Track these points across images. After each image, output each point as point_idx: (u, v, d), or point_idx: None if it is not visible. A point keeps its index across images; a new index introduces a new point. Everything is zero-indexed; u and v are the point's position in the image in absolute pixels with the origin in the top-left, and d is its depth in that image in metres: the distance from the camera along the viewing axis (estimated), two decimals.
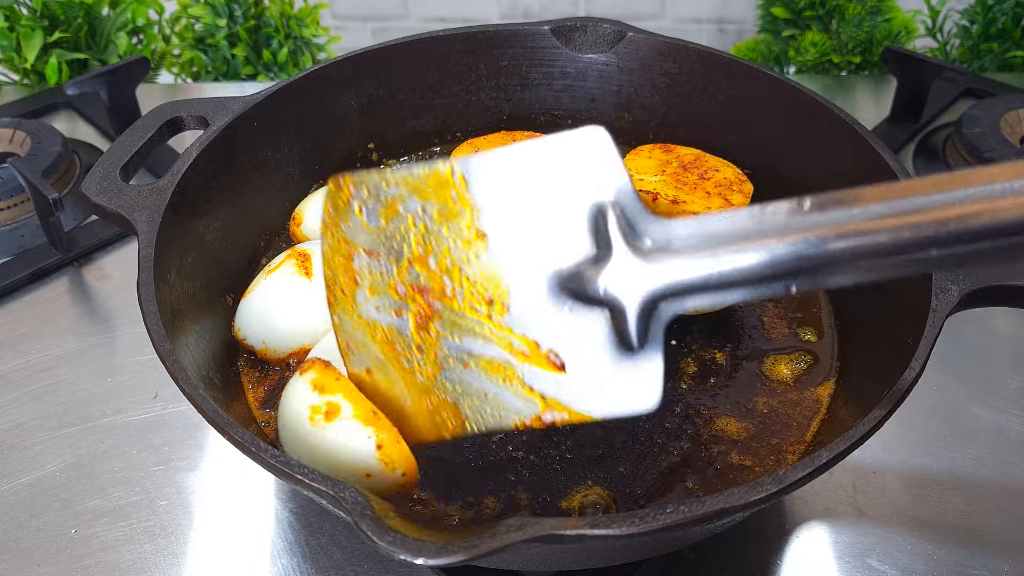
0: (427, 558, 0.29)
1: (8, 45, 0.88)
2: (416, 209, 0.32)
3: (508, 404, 0.32)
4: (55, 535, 0.47)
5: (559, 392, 0.31)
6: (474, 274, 0.31)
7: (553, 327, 0.31)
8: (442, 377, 0.32)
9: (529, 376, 0.31)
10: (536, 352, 0.31)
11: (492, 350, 0.31)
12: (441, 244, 0.31)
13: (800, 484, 0.33)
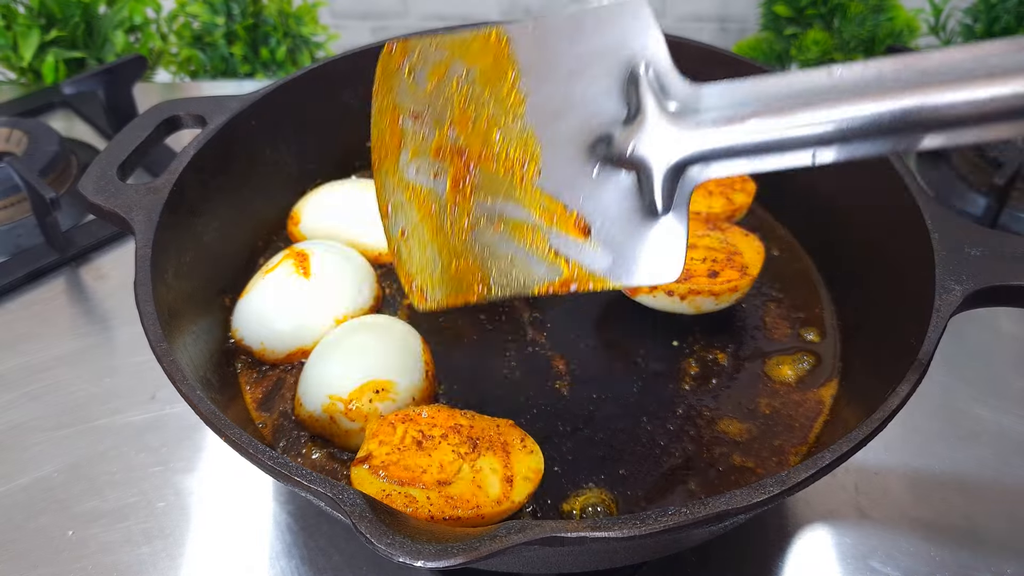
0: (426, 560, 0.29)
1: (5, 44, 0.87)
2: (461, 72, 0.33)
3: (533, 268, 0.32)
4: (52, 537, 0.47)
5: (583, 258, 0.32)
6: (511, 135, 0.32)
7: (582, 190, 0.32)
8: (472, 238, 0.33)
9: (556, 240, 0.32)
10: (564, 215, 0.32)
11: (522, 212, 0.32)
12: (482, 106, 0.32)
13: (803, 486, 0.33)
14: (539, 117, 0.32)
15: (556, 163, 0.32)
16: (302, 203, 0.58)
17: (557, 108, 0.32)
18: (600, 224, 0.32)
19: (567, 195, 0.32)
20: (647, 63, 0.31)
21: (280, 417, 0.47)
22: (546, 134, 0.32)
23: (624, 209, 0.31)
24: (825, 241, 0.57)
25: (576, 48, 0.32)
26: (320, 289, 0.49)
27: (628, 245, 0.31)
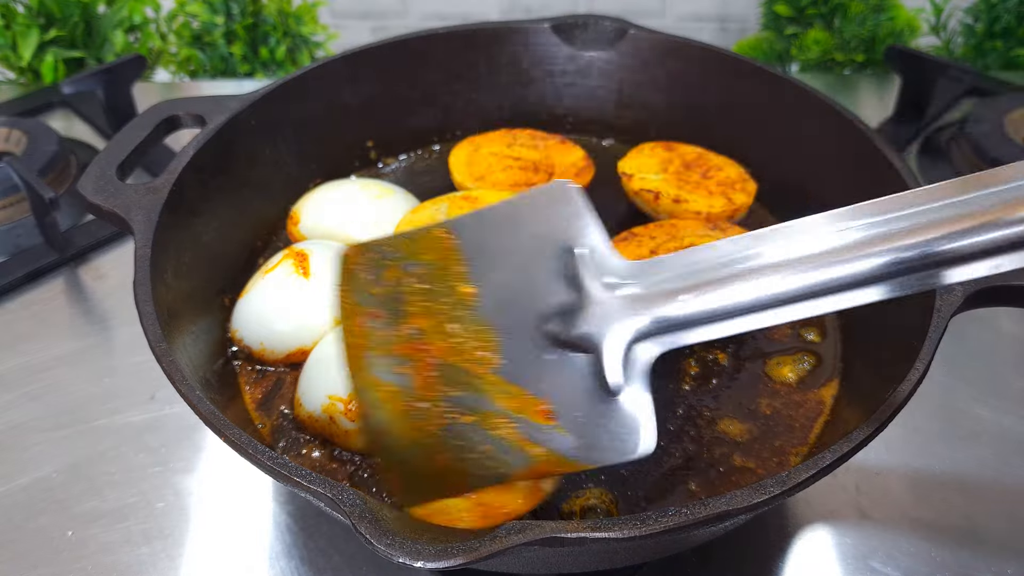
0: (426, 561, 0.29)
1: (4, 43, 0.87)
2: (414, 269, 0.34)
3: (508, 458, 0.32)
4: (52, 537, 0.47)
5: (552, 444, 0.32)
6: (467, 327, 0.33)
7: (541, 375, 0.32)
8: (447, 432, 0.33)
9: (523, 428, 0.32)
10: (527, 402, 0.32)
11: (487, 403, 0.32)
12: (436, 300, 0.33)
13: (803, 486, 0.33)
14: (491, 309, 0.33)
15: (514, 350, 0.32)
16: (301, 203, 0.58)
17: (507, 297, 0.33)
18: (564, 408, 0.32)
19: (528, 382, 0.32)
20: (583, 247, 0.32)
21: (279, 417, 0.47)
22: (500, 323, 0.32)
23: (584, 390, 0.32)
24: None
25: (514, 237, 0.33)
26: (320, 289, 0.49)
27: (593, 425, 0.32)
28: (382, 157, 0.66)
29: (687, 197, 0.57)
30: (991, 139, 0.72)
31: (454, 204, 0.55)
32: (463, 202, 0.56)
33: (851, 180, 0.54)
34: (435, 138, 0.68)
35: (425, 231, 0.35)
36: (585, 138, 0.69)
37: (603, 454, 0.32)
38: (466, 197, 0.56)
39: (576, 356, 0.32)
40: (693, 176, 0.59)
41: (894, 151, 0.50)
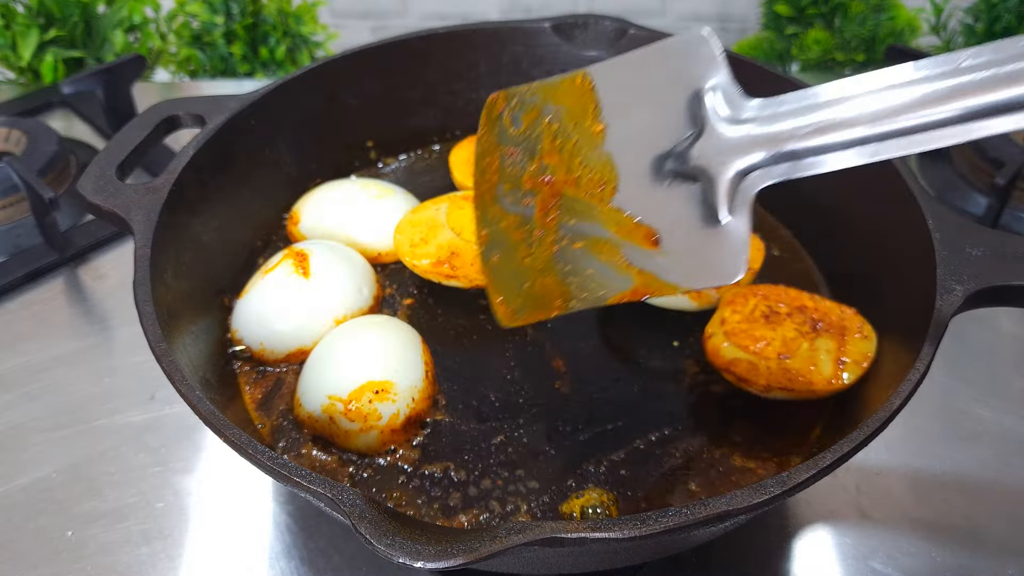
0: (426, 561, 0.29)
1: (4, 43, 0.87)
2: (550, 111, 0.38)
3: (609, 280, 0.36)
4: (52, 537, 0.47)
5: (653, 267, 0.35)
6: (592, 162, 0.37)
7: (652, 204, 0.35)
8: (556, 257, 0.37)
9: (628, 252, 0.36)
10: (636, 229, 0.36)
11: (599, 229, 0.36)
12: (567, 139, 0.38)
13: (803, 486, 0.33)
14: (616, 144, 0.36)
15: (630, 183, 0.36)
16: (301, 203, 0.58)
17: (632, 134, 0.36)
18: (669, 234, 0.35)
19: (639, 210, 0.36)
20: (711, 85, 0.34)
21: (279, 417, 0.47)
22: (622, 158, 0.36)
23: (690, 218, 0.34)
24: (826, 241, 0.57)
25: (649, 80, 0.36)
26: (320, 289, 0.49)
27: (694, 251, 0.34)
28: (382, 157, 0.66)
29: None
30: (991, 139, 0.72)
31: (454, 204, 0.55)
32: (463, 202, 0.56)
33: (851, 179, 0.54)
34: (435, 138, 0.68)
35: (567, 76, 0.38)
36: None
37: (699, 278, 0.35)
38: (467, 197, 0.56)
39: (688, 186, 0.34)
40: None
41: None
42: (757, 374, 0.43)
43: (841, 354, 0.44)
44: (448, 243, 0.52)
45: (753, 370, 0.44)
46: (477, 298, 0.54)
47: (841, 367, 0.43)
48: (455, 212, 0.54)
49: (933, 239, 0.43)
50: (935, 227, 0.43)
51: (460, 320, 0.53)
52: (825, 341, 0.45)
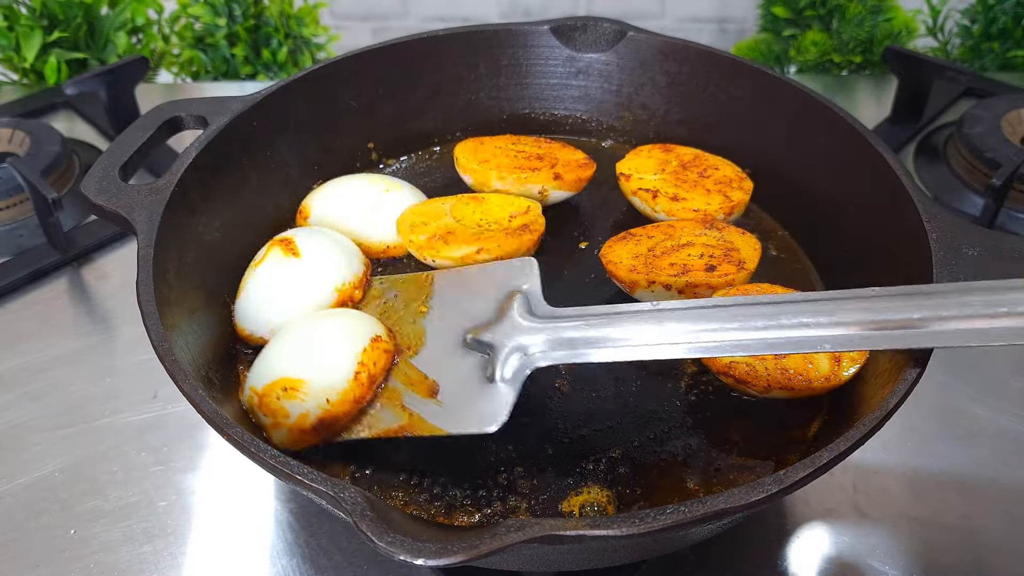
0: (427, 559, 0.29)
1: (7, 44, 0.88)
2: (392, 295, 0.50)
3: (384, 417, 0.43)
4: (54, 536, 0.47)
5: (424, 412, 0.42)
6: (406, 331, 0.46)
7: (443, 365, 0.43)
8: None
9: (407, 399, 0.43)
10: (421, 382, 0.43)
11: (392, 381, 0.44)
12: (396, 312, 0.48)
13: (801, 484, 0.33)
14: (432, 320, 0.46)
15: (432, 348, 0.44)
16: (310, 197, 0.59)
17: (448, 316, 0.45)
18: (446, 387, 0.42)
19: (430, 368, 0.44)
20: (523, 289, 0.43)
21: None
22: (432, 330, 0.45)
23: (470, 377, 0.42)
24: (823, 242, 0.57)
25: (477, 283, 0.45)
26: (315, 265, 0.50)
27: (464, 404, 0.41)
28: (383, 158, 0.67)
29: (685, 195, 0.58)
30: (988, 140, 0.73)
31: (460, 202, 0.56)
32: (469, 200, 0.56)
33: (848, 181, 0.54)
34: (435, 139, 0.68)
35: (417, 275, 0.49)
36: (585, 139, 0.69)
37: (461, 424, 0.41)
38: (473, 197, 0.57)
39: (476, 355, 0.42)
40: (690, 176, 0.59)
41: (891, 152, 0.50)
42: (756, 376, 0.44)
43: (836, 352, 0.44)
44: (447, 225, 0.54)
45: (751, 372, 0.44)
46: None
47: (838, 364, 0.44)
48: (460, 209, 0.55)
49: (930, 239, 0.43)
50: (931, 227, 0.44)
51: None
52: None
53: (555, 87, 0.68)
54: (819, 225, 0.57)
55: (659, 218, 0.57)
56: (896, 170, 0.48)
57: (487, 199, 0.57)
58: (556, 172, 0.59)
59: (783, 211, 0.61)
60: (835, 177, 0.56)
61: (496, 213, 0.55)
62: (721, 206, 0.56)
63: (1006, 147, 0.71)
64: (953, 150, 0.76)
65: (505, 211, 0.55)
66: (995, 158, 0.70)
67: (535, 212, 0.55)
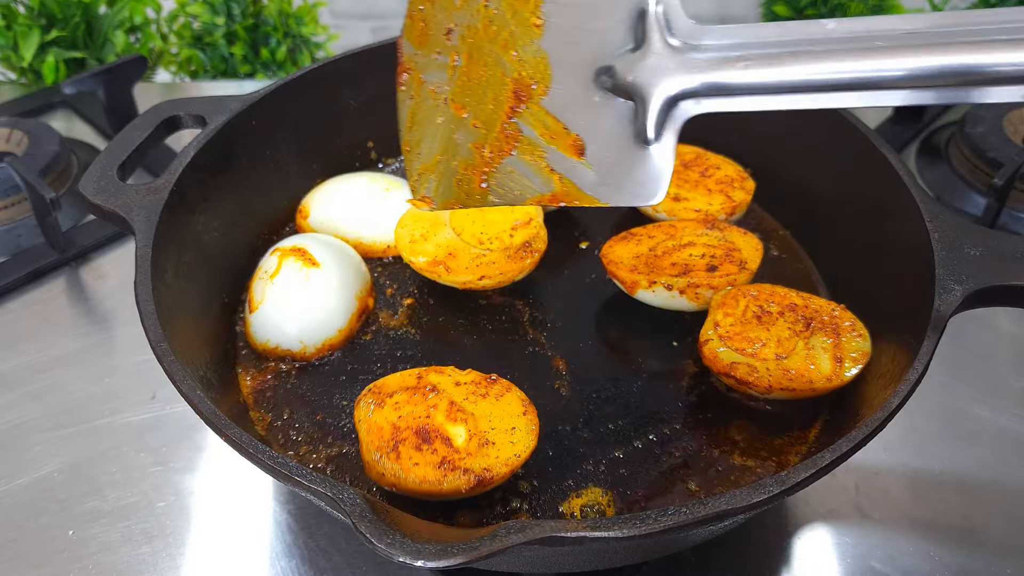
0: (426, 560, 0.29)
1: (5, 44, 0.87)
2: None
3: (529, 181, 0.36)
4: (53, 536, 0.47)
5: (574, 176, 0.35)
6: (526, 56, 0.36)
7: (582, 113, 0.35)
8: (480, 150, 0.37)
9: (551, 157, 0.35)
10: (562, 134, 0.35)
11: (525, 128, 0.36)
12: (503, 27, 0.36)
13: (802, 485, 0.33)
14: (554, 42, 0.35)
15: (563, 86, 0.35)
16: (310, 196, 0.59)
17: (571, 36, 0.35)
18: (594, 146, 0.35)
19: (568, 116, 0.35)
20: (658, 9, 0.34)
21: (280, 416, 0.47)
22: (558, 58, 0.35)
23: (618, 134, 0.34)
24: (824, 242, 0.57)
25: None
26: (334, 273, 0.50)
27: (617, 167, 0.34)
28: (382, 157, 0.67)
29: (686, 195, 0.57)
30: (989, 139, 0.72)
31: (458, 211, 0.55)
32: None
33: (849, 180, 0.54)
34: None
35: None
36: None
37: (619, 195, 0.35)
38: None
39: (620, 102, 0.34)
40: (692, 175, 0.59)
41: (893, 151, 0.50)
42: (757, 376, 0.44)
43: (838, 351, 0.44)
44: (447, 242, 0.52)
45: (753, 372, 0.44)
46: (478, 298, 0.54)
47: (839, 364, 0.44)
48: (458, 215, 0.54)
49: (932, 239, 0.43)
50: (933, 227, 0.44)
51: (460, 320, 0.53)
52: (820, 339, 0.45)
53: None
54: (821, 225, 0.57)
55: (660, 218, 0.57)
56: (898, 170, 0.48)
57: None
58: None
59: (785, 211, 0.61)
60: (837, 177, 0.55)
61: (497, 225, 0.53)
62: (723, 206, 0.56)
63: (1008, 147, 0.71)
64: (955, 150, 0.76)
65: (507, 221, 0.53)
66: (997, 158, 0.70)
67: (536, 223, 0.53)
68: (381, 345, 0.51)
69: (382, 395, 0.41)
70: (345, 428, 0.46)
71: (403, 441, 0.39)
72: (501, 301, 0.54)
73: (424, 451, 0.39)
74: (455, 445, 0.39)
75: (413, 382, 0.42)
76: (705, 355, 0.46)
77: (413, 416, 0.40)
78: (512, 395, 0.42)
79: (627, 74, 0.33)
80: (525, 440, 0.40)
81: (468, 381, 0.42)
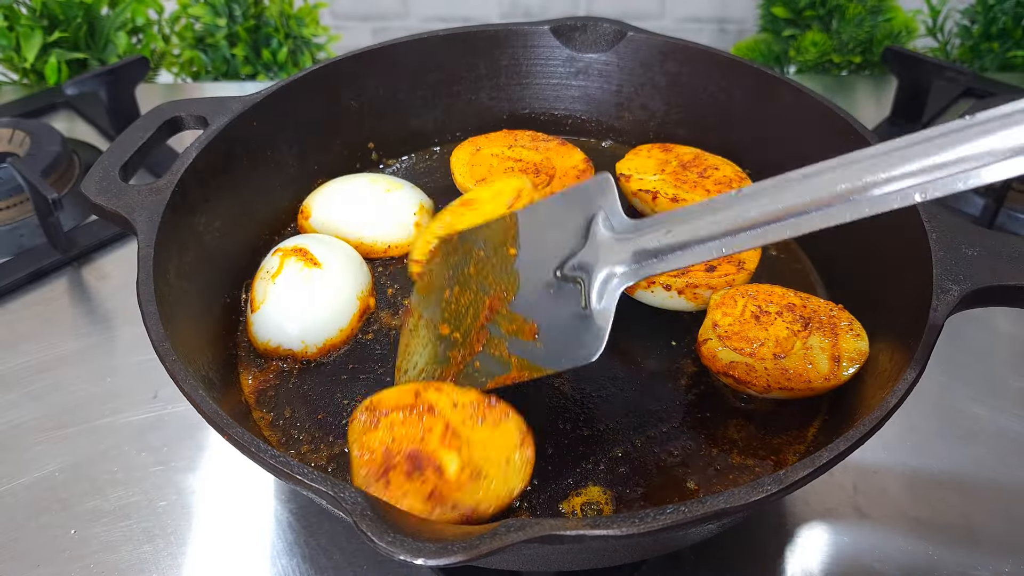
0: (427, 558, 0.29)
1: (8, 45, 0.88)
2: (481, 244, 0.47)
3: (492, 368, 0.42)
4: (55, 536, 0.47)
5: (529, 355, 0.42)
6: (503, 277, 0.45)
7: (540, 305, 0.42)
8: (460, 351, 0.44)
9: (511, 345, 0.42)
10: (523, 326, 0.42)
11: (495, 329, 0.43)
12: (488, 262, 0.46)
13: (800, 484, 0.33)
14: (524, 260, 0.44)
15: (527, 290, 0.43)
16: (312, 197, 0.59)
17: (537, 251, 0.44)
18: (546, 326, 0.42)
19: (529, 311, 0.42)
20: (604, 207, 0.42)
21: (282, 415, 0.47)
22: (525, 271, 0.44)
23: (565, 311, 0.41)
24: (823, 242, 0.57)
25: (559, 212, 0.43)
26: (336, 272, 0.50)
27: (563, 339, 0.41)
28: (383, 158, 0.67)
29: (685, 196, 0.58)
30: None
31: (455, 213, 0.55)
32: (462, 208, 0.55)
33: None
34: (435, 139, 0.68)
35: (501, 218, 0.47)
36: (584, 139, 0.69)
37: (564, 361, 0.41)
38: (463, 203, 0.56)
39: (569, 286, 0.41)
40: (690, 176, 0.59)
41: None
42: (756, 376, 0.44)
43: (836, 351, 0.44)
44: None
45: (751, 372, 0.44)
46: None
47: (837, 364, 0.44)
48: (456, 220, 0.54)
49: (930, 239, 0.43)
50: (931, 227, 0.44)
51: None
52: (817, 338, 0.45)
53: (555, 87, 0.68)
54: None
55: None
56: None
57: (474, 200, 0.55)
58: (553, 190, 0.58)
59: None
60: None
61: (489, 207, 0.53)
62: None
63: None
64: None
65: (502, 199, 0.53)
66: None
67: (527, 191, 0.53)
68: (382, 345, 0.51)
69: (377, 413, 0.40)
70: (346, 427, 0.46)
71: (394, 467, 0.38)
72: None
73: (414, 479, 0.38)
74: (446, 475, 0.38)
75: (410, 399, 0.41)
76: (704, 355, 0.46)
77: (407, 439, 0.39)
78: (511, 423, 0.41)
79: (576, 263, 0.41)
80: (519, 475, 0.39)
81: (466, 402, 0.41)
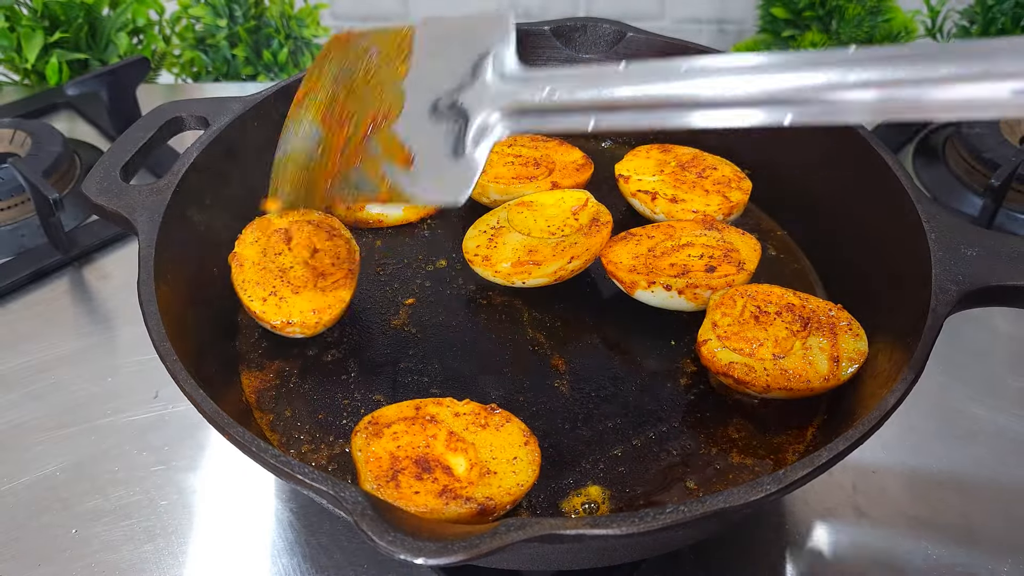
0: (427, 558, 0.29)
1: (9, 45, 0.88)
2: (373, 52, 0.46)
3: (363, 185, 0.42)
4: (56, 535, 0.47)
5: (399, 180, 0.41)
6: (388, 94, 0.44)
7: (419, 134, 0.42)
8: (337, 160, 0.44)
9: (384, 167, 0.42)
10: (400, 150, 0.42)
11: (374, 146, 0.43)
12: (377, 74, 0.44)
13: (800, 484, 0.33)
14: (411, 82, 0.43)
15: (410, 114, 0.42)
16: None
17: (426, 77, 0.43)
18: (420, 157, 0.41)
19: (408, 136, 0.42)
20: (497, 49, 0.40)
21: (282, 415, 0.47)
22: (411, 93, 0.43)
23: (441, 147, 0.40)
24: (822, 242, 0.58)
25: (454, 39, 0.42)
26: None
27: (433, 174, 0.40)
28: None
29: (684, 196, 0.58)
30: (986, 140, 0.73)
31: (512, 211, 0.55)
32: (521, 207, 0.55)
33: (846, 180, 0.55)
34: None
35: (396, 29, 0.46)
36: (583, 140, 0.69)
37: (430, 195, 0.41)
38: (522, 203, 0.56)
39: (449, 123, 0.41)
40: (689, 176, 0.59)
41: (889, 152, 0.50)
42: (755, 376, 0.44)
43: (835, 351, 0.45)
44: (522, 243, 0.53)
45: (750, 372, 0.44)
46: (478, 298, 0.55)
47: (836, 364, 0.44)
48: (514, 217, 0.55)
49: (928, 239, 0.43)
50: (930, 228, 0.44)
51: (461, 319, 0.53)
52: (817, 339, 0.45)
53: None
54: (818, 225, 0.57)
55: (659, 219, 0.57)
56: (895, 170, 0.48)
57: (534, 202, 0.56)
58: (553, 181, 0.59)
59: (782, 211, 0.61)
60: (834, 177, 0.56)
61: (558, 218, 0.54)
62: (720, 207, 0.56)
63: (1005, 147, 0.71)
64: (952, 151, 0.76)
65: (565, 210, 0.54)
66: (994, 158, 0.70)
67: (592, 202, 0.54)
68: (382, 344, 0.51)
69: (380, 426, 0.41)
70: (347, 427, 0.46)
71: (402, 471, 0.38)
72: (501, 301, 0.54)
73: (425, 480, 0.38)
74: (456, 474, 0.38)
75: (411, 413, 0.42)
76: (703, 355, 0.46)
77: (412, 446, 0.40)
78: (512, 426, 0.42)
79: (459, 101, 0.40)
80: (527, 470, 0.40)
81: (467, 412, 0.42)
